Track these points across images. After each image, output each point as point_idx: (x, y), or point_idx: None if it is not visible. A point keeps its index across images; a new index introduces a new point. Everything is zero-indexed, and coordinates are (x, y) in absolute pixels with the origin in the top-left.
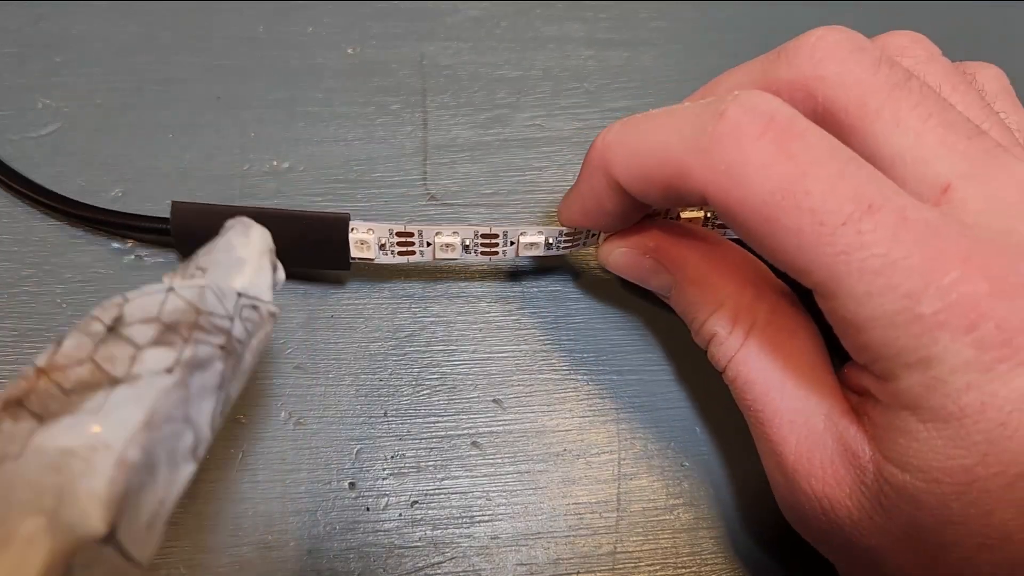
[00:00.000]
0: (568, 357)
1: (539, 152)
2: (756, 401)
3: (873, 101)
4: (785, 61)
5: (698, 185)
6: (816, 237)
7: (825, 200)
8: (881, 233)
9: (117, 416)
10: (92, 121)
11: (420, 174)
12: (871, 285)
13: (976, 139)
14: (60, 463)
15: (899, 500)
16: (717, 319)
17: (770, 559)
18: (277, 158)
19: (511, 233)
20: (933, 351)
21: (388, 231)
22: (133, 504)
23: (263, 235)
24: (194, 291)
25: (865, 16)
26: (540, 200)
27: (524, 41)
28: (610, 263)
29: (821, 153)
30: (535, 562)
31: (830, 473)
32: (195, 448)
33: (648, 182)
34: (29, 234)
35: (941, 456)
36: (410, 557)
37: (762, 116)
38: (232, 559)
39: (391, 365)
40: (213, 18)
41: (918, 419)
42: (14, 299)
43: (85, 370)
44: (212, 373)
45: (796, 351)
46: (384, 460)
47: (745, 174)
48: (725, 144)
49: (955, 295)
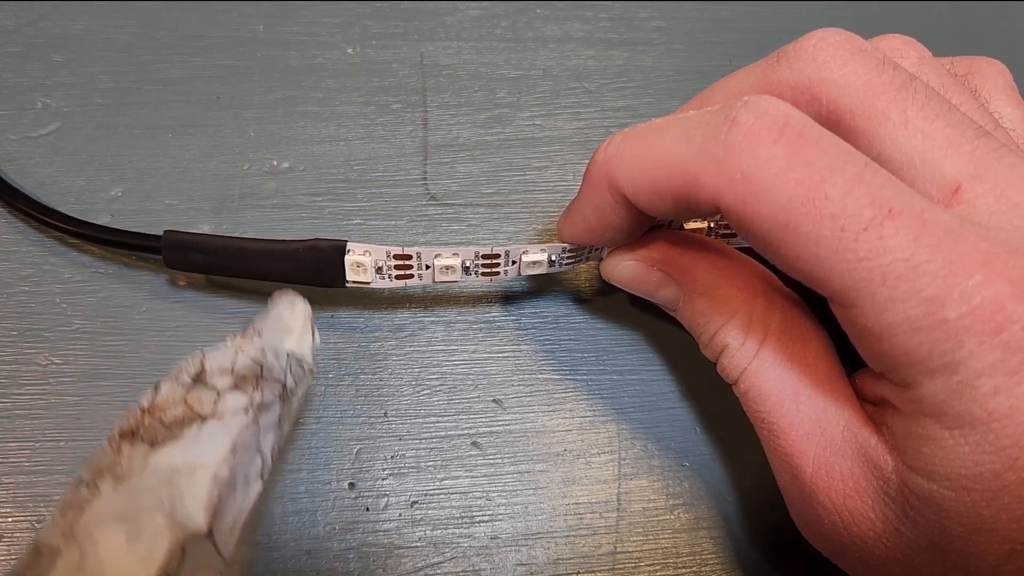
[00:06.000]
0: (568, 357)
1: (539, 152)
2: (771, 413)
3: (880, 103)
4: (786, 64)
5: (711, 194)
6: (837, 243)
7: (845, 205)
8: (903, 237)
9: (210, 443)
10: (92, 121)
11: (420, 174)
12: (894, 291)
13: (983, 139)
14: (171, 478)
15: (926, 510)
16: (728, 330)
17: (770, 559)
18: (277, 158)
19: (513, 253)
20: (958, 356)
21: (385, 253)
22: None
23: (305, 307)
24: (258, 351)
25: (865, 16)
26: (540, 200)
27: (524, 41)
28: (615, 277)
29: (837, 158)
30: (535, 562)
31: (851, 485)
32: (262, 471)
33: (657, 194)
34: (28, 234)
35: (969, 463)
36: (410, 557)
37: (775, 121)
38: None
39: (391, 365)
40: (213, 18)
41: (943, 426)
42: (13, 299)
43: (180, 410)
44: (273, 413)
45: (810, 361)
46: (384, 460)
47: (761, 182)
48: (739, 151)
49: (979, 298)
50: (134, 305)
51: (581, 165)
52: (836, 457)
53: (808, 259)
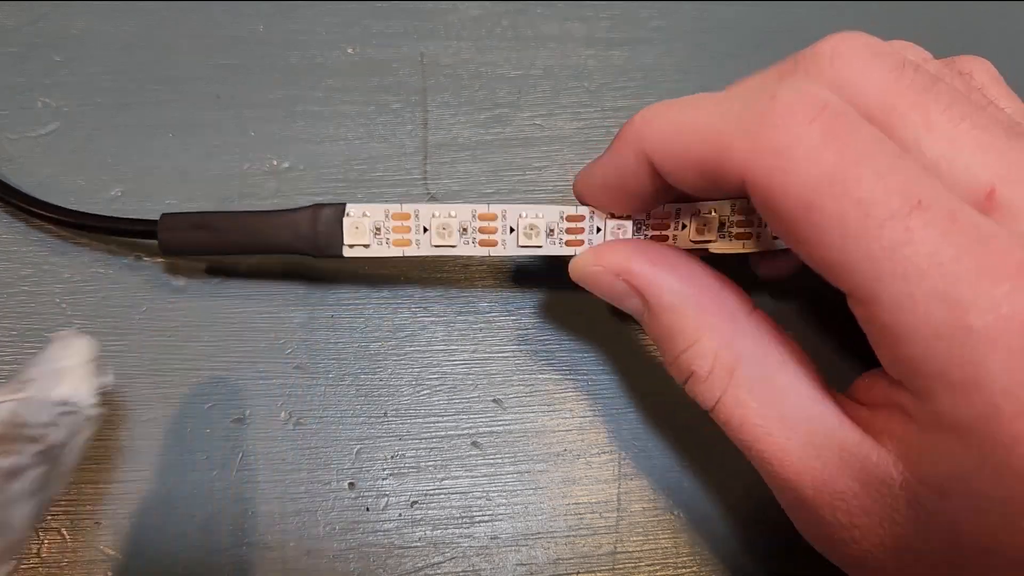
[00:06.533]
0: (568, 357)
1: (540, 151)
2: (758, 442)
3: (901, 105)
4: (803, 69)
5: (738, 166)
6: (861, 229)
7: (875, 191)
8: (930, 231)
9: None
10: (92, 121)
11: (420, 173)
12: (916, 287)
13: (1015, 140)
14: None
15: (939, 527)
16: (694, 355)
17: (771, 559)
18: (277, 157)
19: (510, 215)
20: (982, 370)
21: (384, 212)
22: None
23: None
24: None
25: (865, 16)
26: (540, 200)
27: (525, 40)
28: (581, 280)
29: (872, 144)
30: (535, 562)
31: (856, 505)
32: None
33: (685, 160)
34: (28, 233)
35: (988, 485)
36: (410, 557)
37: (815, 101)
38: (232, 559)
39: (391, 365)
40: (213, 17)
41: (963, 444)
42: (13, 299)
43: None
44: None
45: (790, 383)
46: (384, 460)
47: (793, 157)
48: (775, 125)
49: (1007, 308)
50: (134, 305)
51: (581, 164)
52: (837, 478)
53: (831, 245)
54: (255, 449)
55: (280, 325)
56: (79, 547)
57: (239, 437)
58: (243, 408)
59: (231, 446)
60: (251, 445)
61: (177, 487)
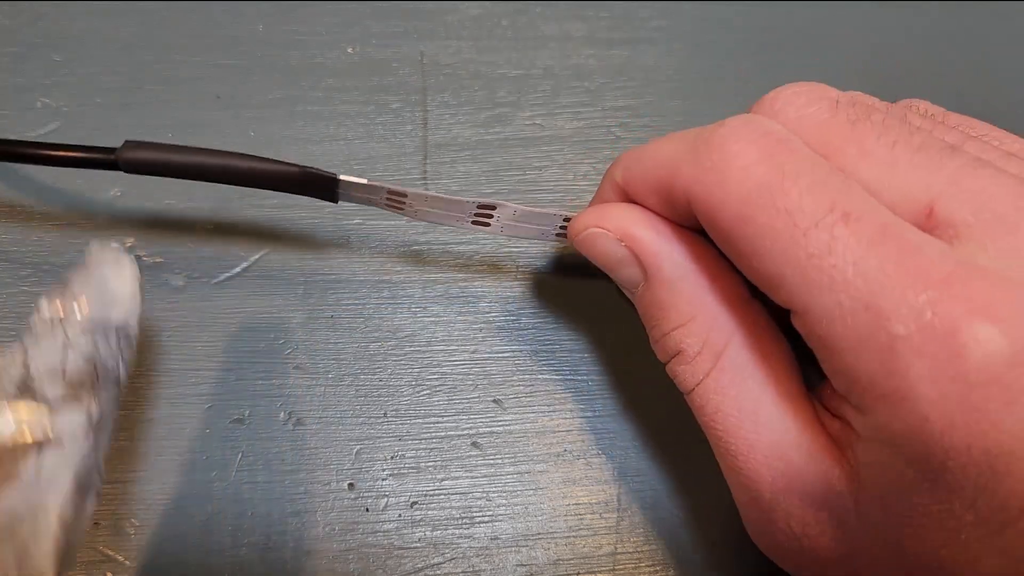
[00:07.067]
0: (568, 357)
1: (540, 151)
2: (728, 433)
3: (835, 139)
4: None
5: (685, 184)
6: (789, 239)
7: (802, 202)
8: (855, 240)
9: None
10: (92, 121)
11: (420, 173)
12: (841, 296)
13: (950, 155)
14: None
15: (886, 545)
16: (685, 333)
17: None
18: (277, 157)
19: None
20: (908, 380)
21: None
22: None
23: (134, 268)
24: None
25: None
26: (540, 200)
27: (525, 40)
28: (579, 242)
29: (806, 163)
30: (535, 563)
31: (810, 514)
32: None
33: (645, 184)
34: (28, 233)
35: (927, 499)
36: (410, 558)
37: (759, 128)
38: (232, 560)
39: (391, 365)
40: (213, 17)
41: (900, 458)
42: (13, 299)
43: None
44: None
45: (772, 378)
46: (384, 461)
47: (728, 171)
48: (718, 147)
49: (931, 316)
50: None
51: (581, 164)
52: (795, 482)
53: (763, 256)
54: (255, 449)
55: (280, 325)
56: (79, 548)
57: (239, 437)
58: (243, 408)
59: (231, 446)
60: (251, 445)
61: (177, 487)
